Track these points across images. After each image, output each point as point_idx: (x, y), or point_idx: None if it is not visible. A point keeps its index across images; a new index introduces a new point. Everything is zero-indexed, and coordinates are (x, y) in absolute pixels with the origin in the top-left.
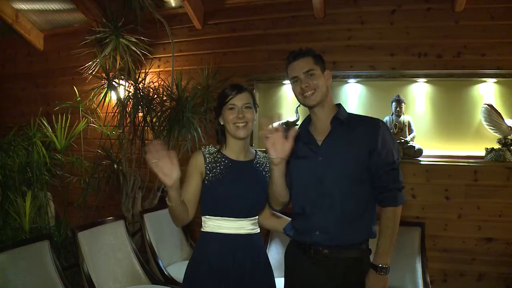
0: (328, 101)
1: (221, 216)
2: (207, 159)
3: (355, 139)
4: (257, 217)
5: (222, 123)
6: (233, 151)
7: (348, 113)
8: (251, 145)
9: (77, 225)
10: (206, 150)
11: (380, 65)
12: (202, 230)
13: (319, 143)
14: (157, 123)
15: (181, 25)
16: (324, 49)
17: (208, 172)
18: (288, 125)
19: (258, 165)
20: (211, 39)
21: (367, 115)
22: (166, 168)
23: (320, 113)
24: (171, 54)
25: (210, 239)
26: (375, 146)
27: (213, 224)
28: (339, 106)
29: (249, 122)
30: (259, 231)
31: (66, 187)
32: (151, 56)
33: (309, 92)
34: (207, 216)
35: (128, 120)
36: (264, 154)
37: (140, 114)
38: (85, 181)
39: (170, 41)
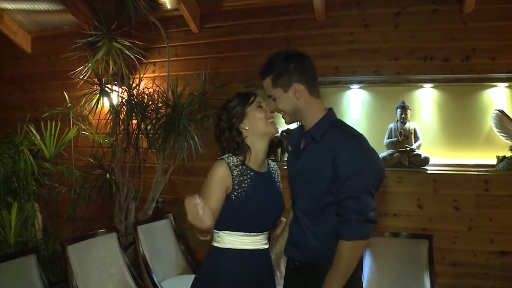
0: (309, 114)
1: (245, 232)
2: (234, 172)
3: (321, 158)
4: None
5: (246, 129)
6: (256, 161)
7: (333, 123)
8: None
9: (66, 238)
10: (231, 162)
11: (384, 70)
12: (217, 245)
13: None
14: (151, 131)
15: (177, 28)
16: (325, 53)
17: (236, 187)
18: (289, 133)
19: (273, 174)
20: (208, 43)
21: (371, 122)
22: (206, 217)
23: (305, 125)
24: (166, 59)
25: (230, 255)
26: (337, 168)
27: (235, 240)
28: (325, 115)
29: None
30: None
31: (55, 198)
32: (146, 61)
33: (270, 120)
34: (227, 232)
35: (122, 127)
36: (273, 163)
37: (134, 121)
38: (76, 191)
39: (166, 45)
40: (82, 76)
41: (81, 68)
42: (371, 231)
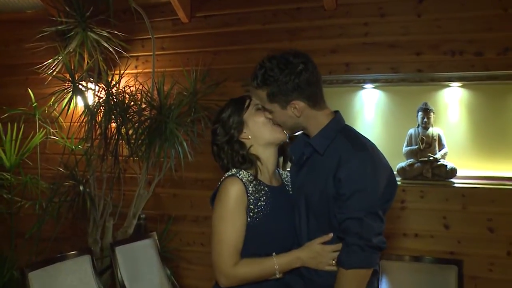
0: (312, 124)
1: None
2: (249, 188)
3: (324, 173)
4: None
5: (248, 138)
6: (267, 173)
7: (340, 130)
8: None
9: (27, 263)
10: (244, 178)
11: (403, 67)
12: None
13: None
14: (134, 136)
15: (164, 17)
16: (335, 47)
17: (252, 207)
18: (293, 139)
19: (288, 188)
20: (199, 35)
21: (387, 127)
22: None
23: (309, 133)
24: (151, 53)
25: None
26: (338, 184)
27: None
28: (330, 121)
29: None
30: None
31: (15, 214)
32: (127, 55)
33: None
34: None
35: (98, 131)
36: (285, 172)
37: (113, 125)
38: (41, 206)
39: (150, 36)
40: (51, 71)
41: (49, 61)
42: (375, 259)
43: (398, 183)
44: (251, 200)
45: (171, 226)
